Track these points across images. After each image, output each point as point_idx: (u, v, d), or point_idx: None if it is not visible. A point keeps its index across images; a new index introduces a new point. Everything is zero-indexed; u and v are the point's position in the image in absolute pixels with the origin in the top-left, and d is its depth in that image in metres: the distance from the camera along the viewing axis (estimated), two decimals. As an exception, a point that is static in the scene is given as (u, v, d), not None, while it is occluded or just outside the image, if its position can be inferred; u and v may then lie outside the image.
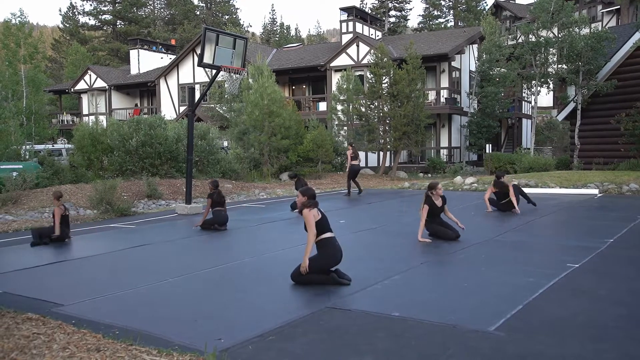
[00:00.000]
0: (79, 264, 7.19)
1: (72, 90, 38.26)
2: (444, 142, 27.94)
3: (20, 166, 15.94)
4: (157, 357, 3.58)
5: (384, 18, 54.29)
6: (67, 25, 61.64)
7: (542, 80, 23.65)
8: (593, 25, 32.62)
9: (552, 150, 30.45)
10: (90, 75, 37.62)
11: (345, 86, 25.04)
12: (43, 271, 6.83)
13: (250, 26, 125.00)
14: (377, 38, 32.12)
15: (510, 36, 33.22)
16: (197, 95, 24.06)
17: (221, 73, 12.39)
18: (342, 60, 29.26)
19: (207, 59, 11.66)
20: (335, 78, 28.26)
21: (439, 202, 8.15)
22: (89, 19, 61.44)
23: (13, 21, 26.59)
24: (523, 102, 33.31)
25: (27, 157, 19.65)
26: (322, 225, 5.72)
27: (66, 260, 7.36)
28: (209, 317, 4.69)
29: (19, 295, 5.51)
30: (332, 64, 29.47)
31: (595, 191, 14.59)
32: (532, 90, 25.05)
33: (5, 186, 14.22)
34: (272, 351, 3.86)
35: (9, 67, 25.05)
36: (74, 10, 61.57)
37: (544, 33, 23.61)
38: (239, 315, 4.73)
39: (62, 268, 6.97)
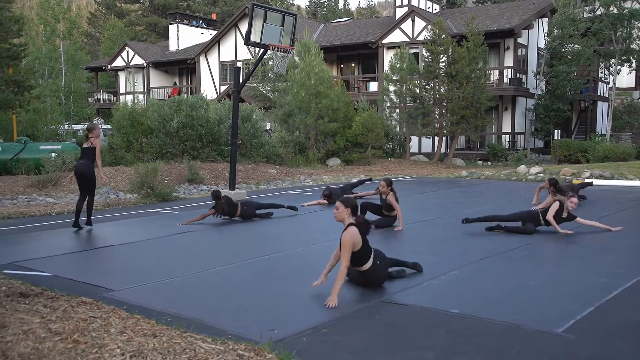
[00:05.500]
0: (124, 249, 7.63)
1: (108, 67, 39.54)
2: (507, 127, 27.43)
3: (59, 147, 16.68)
4: (212, 345, 3.86)
5: (442, -11, 53.28)
6: (103, -2, 63.37)
7: (623, 57, 22.86)
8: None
9: (632, 137, 29.40)
10: (127, 51, 38.73)
11: (398, 65, 24.89)
12: (90, 255, 7.31)
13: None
14: (434, 12, 31.69)
15: (587, 8, 32.07)
16: (242, 75, 24.47)
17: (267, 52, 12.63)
18: (396, 36, 29.05)
19: (254, 37, 11.91)
20: (388, 56, 28.12)
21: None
22: (126, -9, 62.98)
23: (50, -5, 27.66)
24: (599, 82, 32.19)
25: (65, 137, 20.59)
26: (361, 257, 5.27)
27: (112, 245, 7.82)
28: (260, 308, 4.94)
29: (70, 279, 5.95)
30: (384, 41, 29.32)
31: (681, 185, 14.12)
32: (611, 69, 24.22)
33: (45, 167, 14.94)
34: (328, 344, 4.08)
35: (45, 43, 26.16)
36: (111, -18, 63.20)
37: (627, 4, 22.72)
38: (290, 307, 4.97)
39: (109, 253, 7.42)
